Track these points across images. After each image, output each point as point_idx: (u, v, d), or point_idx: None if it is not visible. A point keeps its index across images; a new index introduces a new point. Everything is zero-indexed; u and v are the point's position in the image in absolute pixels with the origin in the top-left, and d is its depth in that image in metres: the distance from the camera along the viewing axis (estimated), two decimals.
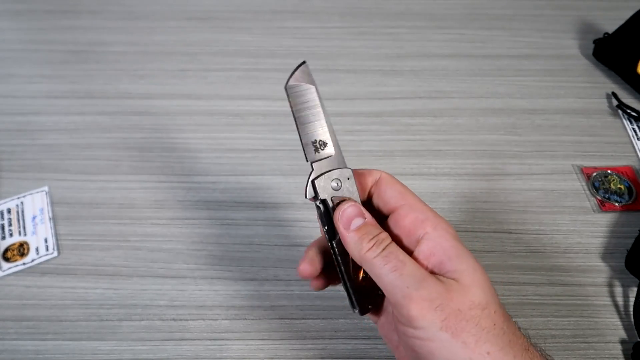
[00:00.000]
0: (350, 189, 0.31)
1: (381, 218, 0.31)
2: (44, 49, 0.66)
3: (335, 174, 0.30)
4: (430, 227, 0.28)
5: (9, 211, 0.50)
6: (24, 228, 0.49)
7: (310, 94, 0.31)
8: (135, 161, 0.54)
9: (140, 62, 0.64)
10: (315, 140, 0.31)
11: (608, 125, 0.58)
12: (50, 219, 0.49)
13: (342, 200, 0.30)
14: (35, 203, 0.50)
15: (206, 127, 0.57)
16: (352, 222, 0.29)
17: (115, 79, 0.62)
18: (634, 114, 0.57)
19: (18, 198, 0.51)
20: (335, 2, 0.73)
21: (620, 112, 0.59)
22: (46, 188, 0.51)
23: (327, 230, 0.31)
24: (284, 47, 0.66)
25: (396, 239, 0.30)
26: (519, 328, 0.28)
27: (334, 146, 0.31)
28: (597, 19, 0.70)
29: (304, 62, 0.31)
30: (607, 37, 0.64)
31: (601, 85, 0.62)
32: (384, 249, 0.28)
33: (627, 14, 0.62)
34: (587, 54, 0.66)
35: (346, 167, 0.31)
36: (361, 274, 0.31)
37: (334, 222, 0.30)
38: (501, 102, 0.60)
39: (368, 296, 0.32)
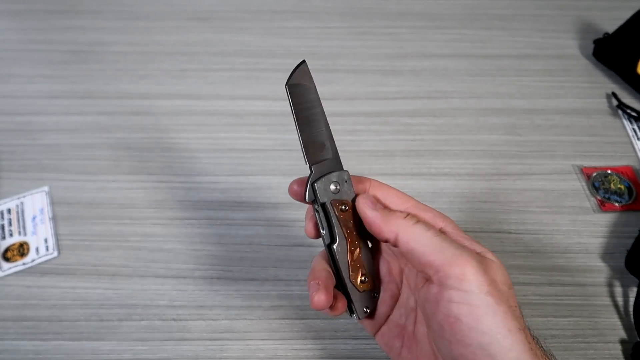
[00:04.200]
0: (348, 191, 0.31)
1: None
2: (44, 49, 0.66)
3: (334, 176, 0.30)
4: (441, 222, 0.30)
5: (9, 211, 0.50)
6: (24, 228, 0.49)
7: (310, 94, 0.31)
8: (135, 161, 0.54)
9: (140, 62, 0.64)
10: (315, 142, 0.31)
11: (608, 125, 0.58)
12: (50, 219, 0.49)
13: (342, 203, 0.30)
14: (35, 203, 0.50)
15: (206, 127, 0.57)
16: (376, 204, 0.30)
17: (115, 79, 0.62)
18: (634, 114, 0.57)
19: (18, 198, 0.51)
20: (335, 2, 0.73)
21: (620, 112, 0.59)
22: (46, 188, 0.51)
23: (325, 234, 0.31)
24: (284, 47, 0.66)
25: None
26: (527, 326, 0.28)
27: (331, 148, 0.31)
28: (597, 19, 0.70)
29: (303, 62, 0.31)
30: (607, 37, 0.64)
31: (601, 85, 0.62)
32: (418, 221, 0.28)
33: (627, 14, 0.62)
34: (587, 54, 0.66)
35: (343, 170, 0.31)
36: (359, 277, 0.31)
37: (358, 212, 0.30)
38: (501, 102, 0.60)
39: (365, 300, 0.32)
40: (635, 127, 0.57)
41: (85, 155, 0.54)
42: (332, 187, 0.30)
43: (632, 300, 0.44)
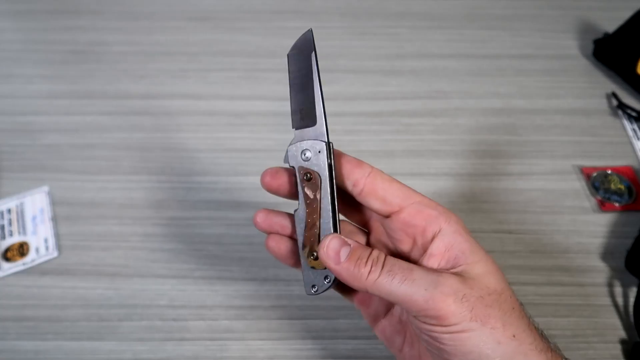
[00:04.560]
0: (320, 164, 0.30)
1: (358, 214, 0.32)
2: (44, 49, 0.66)
3: (306, 144, 0.30)
4: (444, 223, 0.28)
5: (9, 211, 0.50)
6: (24, 228, 0.49)
7: (308, 62, 0.31)
8: (135, 161, 0.54)
9: (140, 62, 0.64)
10: (302, 108, 0.31)
11: (608, 125, 0.58)
12: (50, 219, 0.49)
13: (307, 172, 0.30)
14: (36, 203, 0.50)
15: (206, 127, 0.57)
16: (340, 255, 0.28)
17: (115, 79, 0.62)
18: (634, 114, 0.57)
19: (18, 198, 0.51)
20: (335, 2, 0.73)
21: (620, 112, 0.59)
22: (46, 188, 0.51)
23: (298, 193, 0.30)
24: (284, 47, 0.65)
25: (404, 238, 0.30)
26: (532, 319, 0.28)
27: (318, 117, 0.30)
28: (597, 19, 0.70)
29: (309, 30, 0.31)
30: (607, 37, 0.64)
31: (601, 85, 0.62)
32: (383, 266, 0.27)
33: (627, 14, 0.62)
34: (587, 54, 0.66)
35: (322, 141, 0.30)
36: (310, 253, 0.30)
37: (323, 262, 0.29)
38: (501, 102, 0.60)
39: (314, 278, 0.31)
40: (635, 127, 0.57)
41: (85, 155, 0.54)
42: (305, 154, 0.30)
43: (632, 300, 0.44)
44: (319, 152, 0.30)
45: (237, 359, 0.41)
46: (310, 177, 0.30)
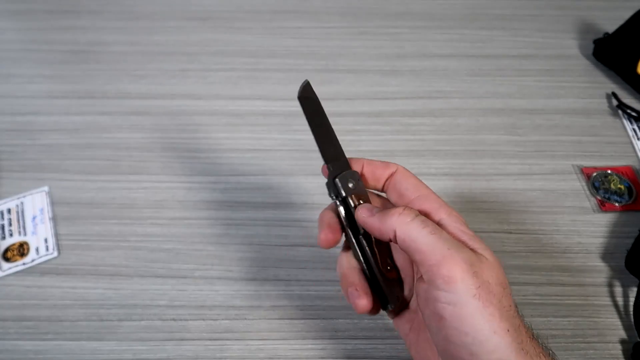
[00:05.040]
0: (362, 188, 0.32)
1: None
2: (44, 49, 0.66)
3: (350, 174, 0.32)
4: (444, 214, 0.30)
5: (9, 211, 0.50)
6: (24, 228, 0.49)
7: (317, 105, 0.34)
8: (135, 161, 0.54)
9: (140, 62, 0.64)
10: (327, 143, 0.33)
11: (608, 125, 0.58)
12: (50, 219, 0.49)
13: (360, 197, 0.32)
14: (35, 203, 0.50)
15: (206, 127, 0.57)
16: (372, 211, 0.30)
17: (115, 79, 0.62)
18: (634, 114, 0.57)
19: (18, 198, 0.51)
20: (335, 2, 0.73)
21: (620, 112, 0.59)
22: (46, 188, 0.51)
23: (350, 227, 0.32)
24: (284, 47, 0.66)
25: None
26: (525, 321, 0.28)
27: (341, 151, 0.33)
28: (597, 19, 0.70)
29: (306, 81, 0.34)
30: (607, 37, 0.64)
31: (601, 85, 0.62)
32: (417, 215, 0.28)
33: (627, 14, 0.62)
34: (587, 54, 0.66)
35: (354, 170, 0.33)
36: (387, 266, 0.32)
37: (357, 219, 0.31)
38: (501, 102, 0.60)
39: (395, 288, 0.32)
40: (635, 127, 0.57)
41: (85, 155, 0.54)
42: (350, 184, 0.32)
43: (632, 300, 0.44)
44: (358, 180, 0.32)
45: (237, 359, 0.41)
46: (364, 202, 0.32)
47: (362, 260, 0.32)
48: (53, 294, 0.44)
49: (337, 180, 0.32)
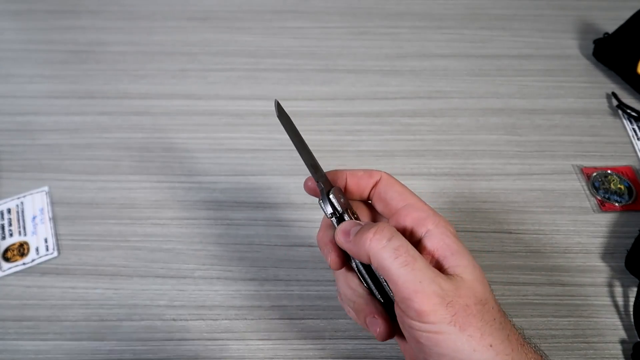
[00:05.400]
0: (347, 202, 0.32)
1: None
2: (44, 49, 0.66)
3: (337, 190, 0.31)
4: (431, 225, 0.29)
5: (9, 211, 0.50)
6: (24, 228, 0.49)
7: (292, 124, 0.33)
8: (135, 161, 0.54)
9: (140, 62, 0.64)
10: (312, 161, 0.32)
11: (608, 125, 0.58)
12: (50, 219, 0.49)
13: (353, 212, 0.31)
14: (35, 203, 0.50)
15: (206, 127, 0.57)
16: (350, 232, 0.29)
17: (115, 79, 0.62)
18: (634, 114, 0.57)
19: (18, 198, 0.51)
20: (335, 2, 0.73)
21: (620, 112, 0.59)
22: (46, 188, 0.51)
23: (339, 217, 0.31)
24: (284, 47, 0.66)
25: None
26: (514, 324, 0.28)
27: (319, 166, 0.32)
28: (597, 19, 0.70)
29: (275, 101, 0.33)
30: (607, 37, 0.64)
31: (601, 85, 0.62)
32: (389, 240, 0.27)
33: (627, 14, 0.62)
34: (587, 54, 0.66)
35: (338, 187, 0.32)
36: None
37: (338, 244, 0.30)
38: (501, 102, 0.60)
39: None
40: (635, 127, 0.57)
41: (85, 155, 0.54)
42: (342, 198, 0.31)
43: (632, 300, 0.44)
44: (343, 193, 0.32)
45: (237, 359, 0.41)
46: (357, 217, 0.32)
47: (370, 282, 0.31)
48: (53, 294, 0.44)
49: (331, 196, 0.31)
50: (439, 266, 0.28)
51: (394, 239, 0.27)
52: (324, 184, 0.31)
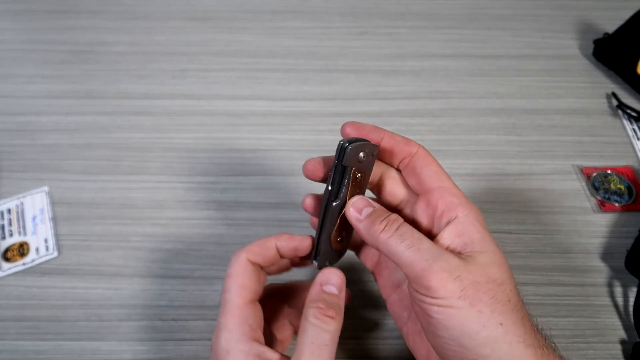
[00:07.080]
0: (368, 166, 0.32)
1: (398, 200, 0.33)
2: (44, 49, 0.66)
3: (367, 146, 0.31)
4: (461, 212, 0.29)
5: (9, 211, 0.50)
6: (24, 228, 0.49)
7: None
8: (135, 161, 0.54)
9: (140, 62, 0.64)
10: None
11: (608, 125, 0.58)
12: (50, 219, 0.49)
13: (360, 172, 0.31)
14: (35, 203, 0.50)
15: (206, 127, 0.57)
16: (362, 212, 0.30)
17: (115, 79, 0.62)
18: (634, 114, 0.57)
19: (18, 198, 0.51)
20: (335, 2, 0.73)
21: (620, 112, 0.59)
22: (46, 188, 0.51)
23: (331, 190, 0.32)
24: (284, 47, 0.66)
25: (423, 219, 0.31)
26: (531, 315, 0.28)
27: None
28: (597, 19, 0.70)
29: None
30: (607, 37, 0.64)
31: (601, 85, 0.62)
32: (397, 229, 0.28)
33: (627, 14, 0.62)
34: (587, 54, 0.66)
35: (376, 145, 0.32)
36: (339, 237, 0.34)
37: (347, 217, 0.31)
38: (501, 102, 0.60)
39: (332, 257, 0.35)
40: (635, 127, 0.57)
41: (85, 155, 0.54)
42: (361, 153, 0.31)
43: (632, 300, 0.44)
44: (373, 155, 0.31)
45: None
46: (361, 178, 0.32)
47: (321, 218, 0.33)
48: (53, 294, 0.44)
49: (349, 147, 0.30)
50: (460, 250, 0.29)
51: (400, 229, 0.29)
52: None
